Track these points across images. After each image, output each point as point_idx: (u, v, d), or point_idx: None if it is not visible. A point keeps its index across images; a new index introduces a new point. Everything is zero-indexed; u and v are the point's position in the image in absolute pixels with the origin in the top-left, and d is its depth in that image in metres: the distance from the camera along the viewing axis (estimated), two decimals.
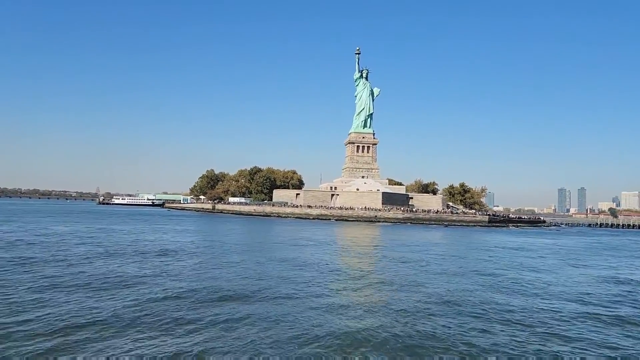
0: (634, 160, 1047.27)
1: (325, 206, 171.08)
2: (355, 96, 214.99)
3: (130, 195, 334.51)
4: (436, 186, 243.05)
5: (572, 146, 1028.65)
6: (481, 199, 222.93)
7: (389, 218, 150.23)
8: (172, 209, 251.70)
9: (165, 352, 17.03)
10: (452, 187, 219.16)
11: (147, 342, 18.20)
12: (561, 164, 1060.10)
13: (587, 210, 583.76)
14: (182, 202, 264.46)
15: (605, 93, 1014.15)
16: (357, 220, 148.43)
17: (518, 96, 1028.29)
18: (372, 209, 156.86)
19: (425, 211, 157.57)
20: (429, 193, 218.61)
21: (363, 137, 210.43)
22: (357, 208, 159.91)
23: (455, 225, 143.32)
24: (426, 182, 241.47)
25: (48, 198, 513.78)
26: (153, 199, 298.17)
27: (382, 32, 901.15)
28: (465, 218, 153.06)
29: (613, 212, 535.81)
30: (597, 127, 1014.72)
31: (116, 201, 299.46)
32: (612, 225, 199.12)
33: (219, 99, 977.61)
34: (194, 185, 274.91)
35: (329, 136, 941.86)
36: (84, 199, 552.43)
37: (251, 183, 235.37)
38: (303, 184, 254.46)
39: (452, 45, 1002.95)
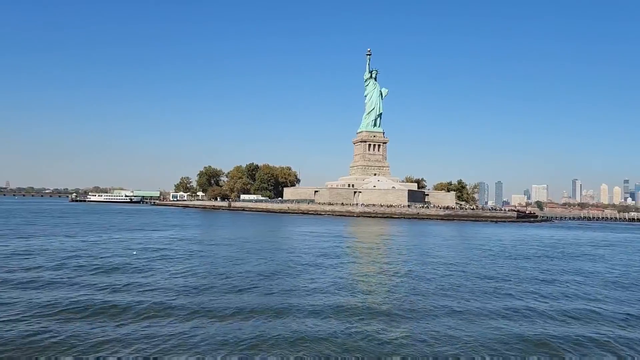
0: (543, 154, 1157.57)
1: (351, 203, 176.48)
2: (365, 96, 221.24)
3: (105, 192, 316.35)
4: (424, 182, 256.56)
5: (490, 141, 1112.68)
6: (474, 195, 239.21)
7: (432, 215, 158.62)
8: (165, 205, 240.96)
9: None
10: (450, 184, 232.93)
11: None
12: (479, 158, 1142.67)
13: (517, 204, 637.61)
14: (172, 199, 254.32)
15: (518, 95, 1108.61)
16: (401, 218, 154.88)
17: (443, 97, 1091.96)
18: (415, 206, 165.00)
19: (461, 208, 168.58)
20: (419, 189, 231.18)
21: (374, 136, 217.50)
22: (397, 205, 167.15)
23: (489, 220, 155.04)
24: (417, 179, 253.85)
25: None
26: (131, 196, 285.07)
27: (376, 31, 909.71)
28: (497, 214, 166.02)
29: (539, 205, 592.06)
30: (512, 123, 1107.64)
31: (92, 198, 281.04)
32: (592, 219, 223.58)
33: (175, 94, 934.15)
34: (181, 182, 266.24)
35: (304, 132, 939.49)
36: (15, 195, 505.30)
37: (251, 180, 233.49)
38: (299, 180, 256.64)
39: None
